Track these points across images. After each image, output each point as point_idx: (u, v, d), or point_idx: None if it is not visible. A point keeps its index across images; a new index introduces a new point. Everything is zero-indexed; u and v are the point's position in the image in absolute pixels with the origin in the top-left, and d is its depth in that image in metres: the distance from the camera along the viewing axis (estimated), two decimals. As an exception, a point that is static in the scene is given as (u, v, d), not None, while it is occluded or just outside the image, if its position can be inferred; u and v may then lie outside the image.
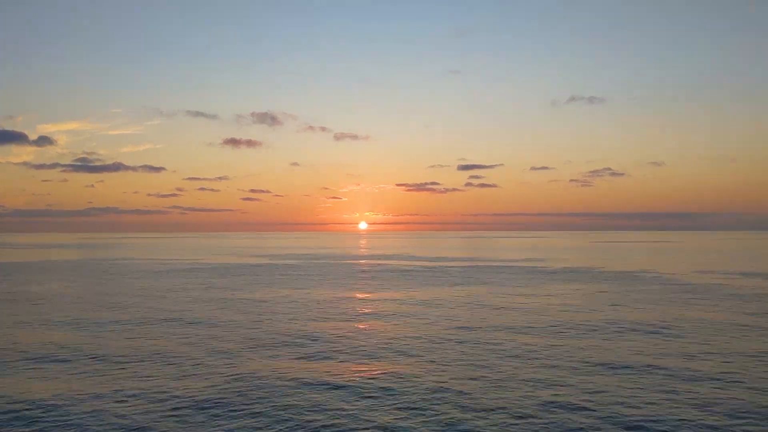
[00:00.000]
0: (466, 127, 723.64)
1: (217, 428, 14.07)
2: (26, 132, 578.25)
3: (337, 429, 14.06)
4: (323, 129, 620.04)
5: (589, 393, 16.83)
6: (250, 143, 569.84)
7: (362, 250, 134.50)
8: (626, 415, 14.88)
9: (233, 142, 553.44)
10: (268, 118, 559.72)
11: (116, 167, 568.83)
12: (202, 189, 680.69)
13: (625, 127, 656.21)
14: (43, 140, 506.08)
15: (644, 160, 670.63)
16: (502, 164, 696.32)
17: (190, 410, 15.41)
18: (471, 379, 18.47)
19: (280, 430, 14.01)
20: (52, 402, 16.20)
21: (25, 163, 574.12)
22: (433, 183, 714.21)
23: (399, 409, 15.53)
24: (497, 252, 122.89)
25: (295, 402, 16.12)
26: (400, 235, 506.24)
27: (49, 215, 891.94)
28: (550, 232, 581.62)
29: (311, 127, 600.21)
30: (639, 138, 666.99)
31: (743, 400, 16.18)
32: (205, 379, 18.54)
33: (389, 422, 14.50)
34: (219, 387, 17.57)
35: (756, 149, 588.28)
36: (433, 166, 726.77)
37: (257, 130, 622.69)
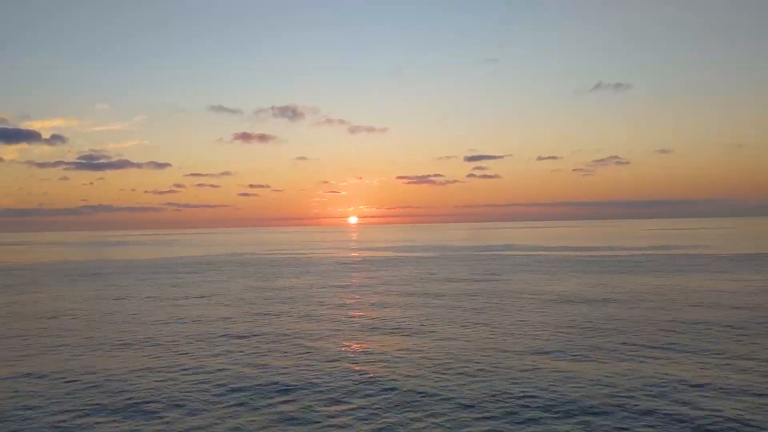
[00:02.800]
0: (485, 117, 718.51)
1: None
2: (39, 130, 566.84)
3: None
4: (341, 122, 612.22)
5: None
6: (262, 138, 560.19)
7: (469, 242, 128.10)
8: None
9: (244, 137, 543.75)
10: (289, 112, 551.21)
11: (121, 164, 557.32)
12: (200, 185, 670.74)
13: (642, 115, 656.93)
14: (55, 138, 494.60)
15: (652, 148, 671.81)
16: (510, 155, 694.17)
17: None
18: None
19: None
20: None
21: (28, 162, 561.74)
22: (436, 175, 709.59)
23: None
24: (596, 241, 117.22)
25: None
26: (397, 228, 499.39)
27: (40, 214, 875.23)
28: (544, 222, 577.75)
29: (329, 120, 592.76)
30: (650, 126, 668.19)
31: None
32: None
33: None
34: None
35: (762, 135, 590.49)
36: (440, 158, 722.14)
37: (276, 124, 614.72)
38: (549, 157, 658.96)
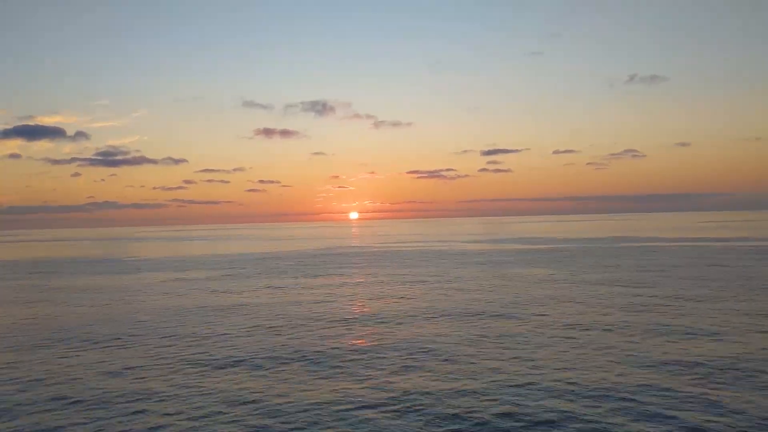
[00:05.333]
0: (512, 111, 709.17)
1: None
2: (64, 128, 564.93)
3: None
4: (369, 117, 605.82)
5: None
6: (284, 133, 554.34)
7: (587, 234, 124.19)
8: None
9: (266, 132, 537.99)
10: (319, 106, 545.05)
11: (137, 161, 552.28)
12: (210, 181, 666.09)
13: (668, 108, 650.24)
14: (80, 135, 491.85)
15: (672, 141, 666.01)
16: (528, 148, 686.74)
17: None
18: None
19: None
20: None
21: (45, 158, 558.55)
22: (448, 170, 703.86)
23: None
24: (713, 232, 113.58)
25: None
26: (398, 223, 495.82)
27: (45, 211, 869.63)
28: (547, 217, 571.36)
29: (358, 115, 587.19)
30: (673, 119, 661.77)
31: None
32: None
33: None
34: None
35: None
36: (458, 152, 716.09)
37: (303, 119, 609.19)
38: (565, 151, 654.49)
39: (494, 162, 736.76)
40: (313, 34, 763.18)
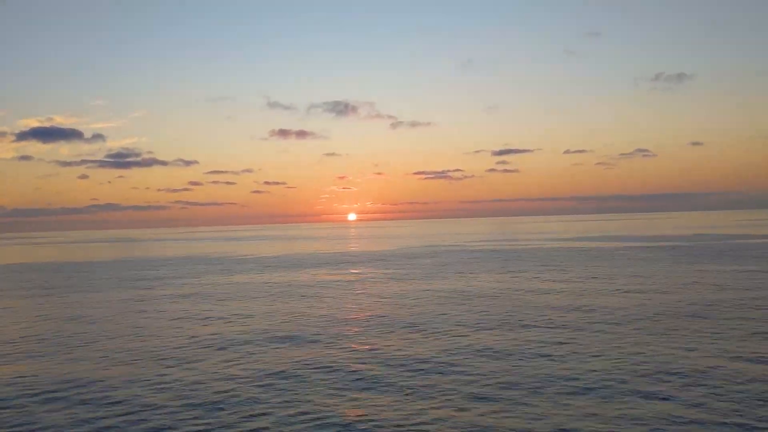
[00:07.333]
0: (532, 110, 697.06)
1: None
2: (82, 130, 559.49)
3: None
4: (390, 117, 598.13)
5: None
6: (300, 134, 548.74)
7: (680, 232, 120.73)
8: None
9: (282, 133, 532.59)
10: (341, 106, 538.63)
11: (147, 162, 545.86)
12: (215, 182, 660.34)
13: (686, 106, 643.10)
14: (97, 138, 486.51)
15: (685, 140, 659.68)
16: (540, 148, 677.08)
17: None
18: None
19: None
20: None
21: (55, 161, 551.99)
22: (456, 170, 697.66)
23: None
24: None
25: None
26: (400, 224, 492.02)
27: (46, 214, 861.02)
28: (546, 217, 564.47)
29: (378, 115, 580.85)
30: (689, 118, 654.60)
31: None
32: None
33: None
34: None
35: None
36: (469, 153, 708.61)
37: (323, 119, 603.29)
38: (576, 151, 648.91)
39: (503, 162, 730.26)
40: (346, 33, 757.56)
